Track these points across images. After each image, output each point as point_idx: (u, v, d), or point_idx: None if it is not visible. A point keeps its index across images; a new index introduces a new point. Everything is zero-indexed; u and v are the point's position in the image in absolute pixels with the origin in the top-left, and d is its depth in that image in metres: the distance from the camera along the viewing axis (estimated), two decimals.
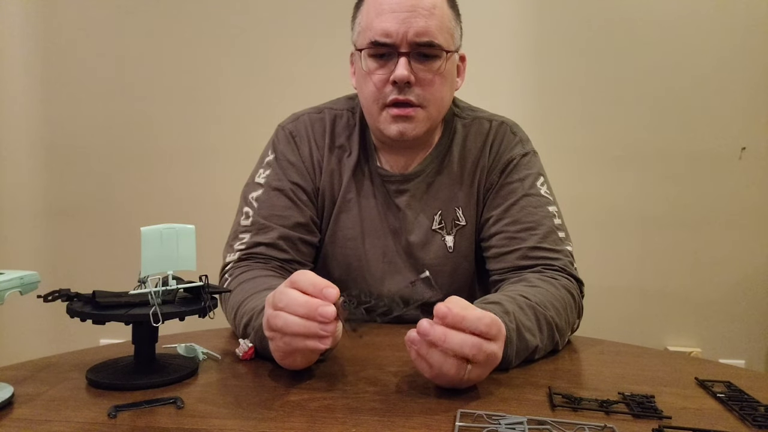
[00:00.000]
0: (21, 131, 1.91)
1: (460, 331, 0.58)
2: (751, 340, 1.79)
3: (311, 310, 0.58)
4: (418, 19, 0.84)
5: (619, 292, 1.80)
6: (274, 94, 1.82)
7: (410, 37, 0.84)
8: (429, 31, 0.85)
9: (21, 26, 1.88)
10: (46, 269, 1.82)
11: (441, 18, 0.87)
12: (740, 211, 1.77)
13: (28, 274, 0.62)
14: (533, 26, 1.79)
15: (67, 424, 0.53)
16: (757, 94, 1.74)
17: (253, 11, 1.83)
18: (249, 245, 0.92)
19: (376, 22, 0.86)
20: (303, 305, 0.58)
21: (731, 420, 0.57)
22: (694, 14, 1.74)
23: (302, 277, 0.61)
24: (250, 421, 0.54)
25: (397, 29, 0.84)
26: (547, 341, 0.76)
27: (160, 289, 0.66)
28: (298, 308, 0.59)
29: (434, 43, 0.85)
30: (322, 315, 0.57)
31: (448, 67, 0.89)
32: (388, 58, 0.87)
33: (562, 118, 1.79)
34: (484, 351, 0.59)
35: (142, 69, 1.87)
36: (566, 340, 0.83)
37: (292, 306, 0.59)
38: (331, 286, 0.59)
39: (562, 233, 0.92)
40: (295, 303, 0.59)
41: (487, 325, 0.59)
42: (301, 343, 0.59)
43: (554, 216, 0.93)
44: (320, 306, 0.58)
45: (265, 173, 0.97)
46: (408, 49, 0.85)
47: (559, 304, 0.80)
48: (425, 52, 0.86)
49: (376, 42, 0.86)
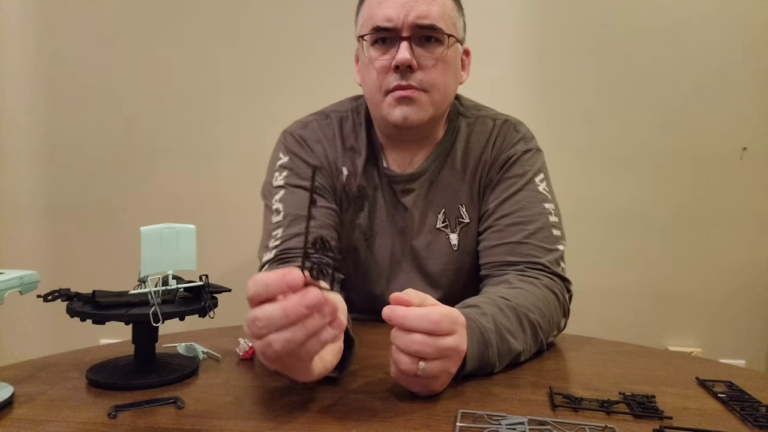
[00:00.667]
0: (21, 131, 1.91)
1: (406, 332, 0.57)
2: (751, 339, 1.79)
3: (294, 312, 0.48)
4: (420, 4, 0.85)
5: (619, 291, 1.80)
6: (276, 95, 1.82)
7: (411, 19, 0.84)
8: (431, 15, 0.85)
9: (21, 27, 1.88)
10: (46, 269, 1.82)
11: (443, 5, 0.87)
12: (741, 211, 1.77)
13: (27, 274, 0.62)
14: (537, 26, 1.79)
15: (66, 424, 0.53)
16: (758, 94, 1.74)
17: (255, 11, 1.83)
18: (285, 238, 0.88)
19: (377, 10, 0.87)
20: (282, 315, 0.48)
21: (732, 420, 0.57)
22: (695, 15, 1.74)
23: (254, 286, 0.50)
24: (250, 421, 0.54)
25: (398, 14, 0.85)
26: (531, 342, 0.74)
27: (160, 289, 0.65)
28: (280, 322, 0.49)
29: (436, 26, 0.86)
30: (309, 306, 0.48)
31: (451, 54, 0.89)
32: (390, 44, 0.87)
33: (564, 119, 1.79)
34: (433, 347, 0.57)
35: (142, 69, 1.86)
36: (551, 340, 0.82)
37: (273, 324, 0.49)
38: (287, 272, 0.49)
39: (556, 231, 0.91)
40: (273, 317, 0.49)
41: (433, 321, 0.57)
42: (314, 347, 0.51)
43: (550, 213, 0.91)
44: (300, 300, 0.48)
45: (282, 175, 0.95)
46: (410, 33, 0.85)
47: (541, 304, 0.78)
48: (427, 34, 0.86)
49: (377, 27, 0.86)
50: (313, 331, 0.49)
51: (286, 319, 0.48)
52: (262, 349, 0.50)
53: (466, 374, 0.65)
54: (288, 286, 0.49)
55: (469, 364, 0.64)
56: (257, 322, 0.49)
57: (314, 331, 0.49)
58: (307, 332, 0.49)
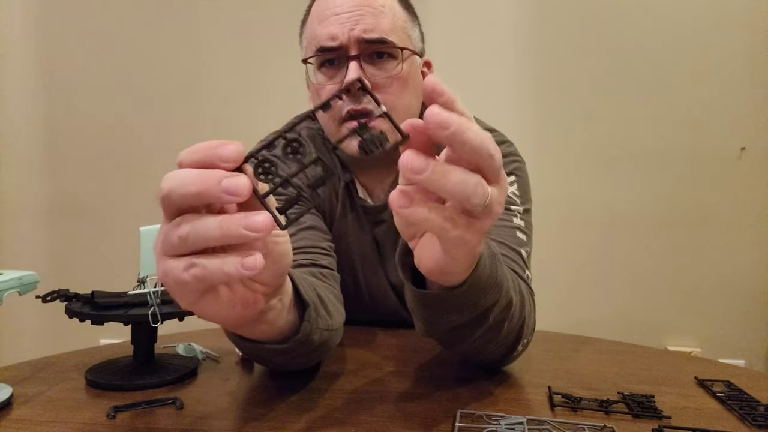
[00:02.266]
0: (21, 131, 1.91)
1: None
2: (750, 339, 1.79)
3: (209, 182, 0.36)
4: (366, 17, 0.76)
5: (619, 291, 1.80)
6: (276, 95, 1.82)
7: (357, 34, 0.75)
8: (379, 28, 0.76)
9: (21, 26, 1.88)
10: (45, 269, 1.82)
11: (392, 17, 0.78)
12: (740, 211, 1.77)
13: (26, 275, 0.62)
14: (533, 26, 1.79)
15: (65, 424, 0.53)
16: (757, 94, 1.74)
17: (255, 12, 1.83)
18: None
19: (319, 29, 0.78)
20: (195, 180, 0.36)
21: (731, 420, 0.57)
22: (694, 14, 1.74)
23: (182, 153, 0.38)
24: (250, 422, 0.54)
25: (342, 30, 0.76)
26: (518, 307, 0.60)
27: (159, 290, 0.65)
28: (190, 188, 0.36)
29: (386, 40, 0.76)
30: (227, 189, 0.35)
31: (407, 69, 0.80)
32: (338, 66, 0.78)
33: (562, 119, 1.79)
34: (500, 171, 0.40)
35: (142, 69, 1.86)
36: (520, 348, 0.68)
37: (181, 186, 0.36)
38: (229, 143, 0.37)
39: (521, 234, 0.78)
40: (184, 176, 0.36)
41: (495, 148, 0.40)
42: (214, 265, 0.37)
43: (515, 215, 0.80)
44: (220, 174, 0.36)
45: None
46: (358, 51, 0.76)
47: (519, 289, 0.63)
48: (378, 50, 0.77)
49: (322, 48, 0.77)
50: (221, 232, 0.36)
51: (195, 185, 0.36)
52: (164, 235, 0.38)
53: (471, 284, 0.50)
54: (219, 157, 0.37)
55: (481, 262, 0.50)
56: (163, 182, 0.37)
57: (222, 231, 0.36)
58: (210, 227, 0.36)
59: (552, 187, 1.68)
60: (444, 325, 0.56)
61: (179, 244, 0.37)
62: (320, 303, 0.60)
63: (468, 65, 1.77)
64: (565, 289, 1.76)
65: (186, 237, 0.37)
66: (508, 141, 0.89)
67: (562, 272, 1.75)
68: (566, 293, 1.76)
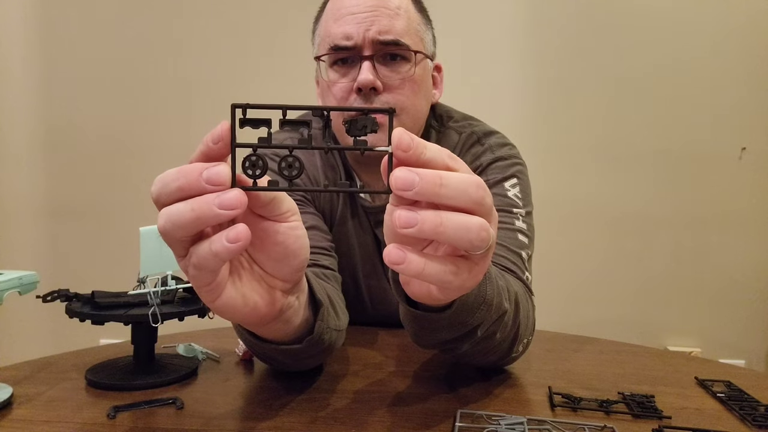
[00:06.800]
0: (21, 131, 1.91)
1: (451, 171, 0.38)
2: (750, 339, 1.79)
3: (187, 175, 0.36)
4: (381, 18, 0.76)
5: (619, 291, 1.80)
6: (276, 95, 1.82)
7: (372, 35, 0.76)
8: (394, 30, 0.76)
9: (21, 26, 1.88)
10: (45, 269, 1.82)
11: (407, 19, 0.79)
12: (740, 211, 1.77)
13: (26, 275, 0.62)
14: (533, 26, 1.79)
15: (66, 424, 0.53)
16: (757, 94, 1.74)
17: (254, 12, 1.83)
18: None
19: (334, 28, 0.78)
20: (174, 174, 0.37)
21: (731, 420, 0.57)
22: (694, 14, 1.74)
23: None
24: (250, 422, 0.54)
25: (357, 30, 0.76)
26: (512, 314, 0.61)
27: (159, 290, 0.65)
28: (172, 184, 0.37)
29: (401, 42, 0.77)
30: (208, 179, 0.36)
31: (420, 72, 0.80)
32: (351, 64, 0.78)
33: (562, 119, 1.79)
34: (491, 209, 0.39)
35: (142, 69, 1.87)
36: (520, 349, 0.68)
37: (164, 187, 0.37)
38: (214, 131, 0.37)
39: (522, 237, 0.78)
40: (167, 175, 0.37)
41: (481, 186, 0.38)
42: (204, 251, 0.37)
43: (517, 218, 0.80)
44: (201, 166, 0.36)
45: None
46: (372, 52, 0.76)
47: (516, 290, 0.64)
48: (392, 51, 0.77)
49: (336, 46, 0.77)
50: (203, 218, 0.36)
51: (176, 180, 0.36)
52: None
53: (456, 310, 0.51)
54: (203, 154, 0.37)
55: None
56: (152, 187, 0.38)
57: (204, 217, 0.36)
58: (193, 214, 0.36)
59: (552, 187, 1.68)
60: (433, 339, 0.57)
61: (173, 242, 0.38)
62: (330, 303, 0.61)
63: (469, 65, 1.76)
64: (565, 289, 1.76)
65: (164, 228, 0.37)
66: (509, 143, 0.89)
67: (562, 272, 1.75)
68: (566, 293, 1.76)
